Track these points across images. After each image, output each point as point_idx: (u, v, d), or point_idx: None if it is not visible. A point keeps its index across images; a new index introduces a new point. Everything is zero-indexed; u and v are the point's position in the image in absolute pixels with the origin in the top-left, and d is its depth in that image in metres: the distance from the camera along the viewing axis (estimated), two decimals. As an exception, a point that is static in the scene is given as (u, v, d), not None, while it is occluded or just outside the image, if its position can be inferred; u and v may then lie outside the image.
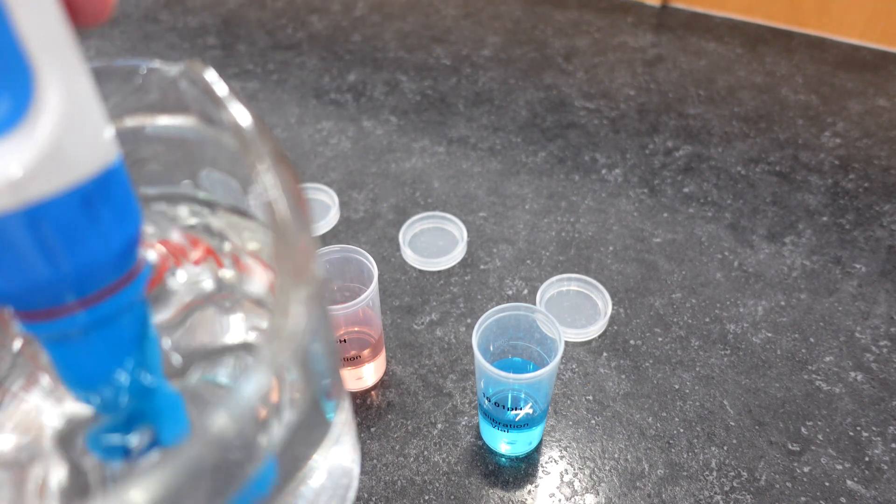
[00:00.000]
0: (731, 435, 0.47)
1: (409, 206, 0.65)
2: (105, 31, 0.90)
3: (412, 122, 0.76)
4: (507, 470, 0.46)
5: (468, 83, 0.81)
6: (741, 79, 0.80)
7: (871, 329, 0.53)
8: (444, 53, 0.87)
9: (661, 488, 0.44)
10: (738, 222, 0.62)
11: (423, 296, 0.57)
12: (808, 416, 0.48)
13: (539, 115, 0.76)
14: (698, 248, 0.60)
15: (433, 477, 0.45)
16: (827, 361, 0.51)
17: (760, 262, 0.59)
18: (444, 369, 0.51)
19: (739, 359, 0.51)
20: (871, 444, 0.46)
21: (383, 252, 0.61)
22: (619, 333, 0.53)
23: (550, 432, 0.47)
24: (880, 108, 0.75)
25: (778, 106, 0.76)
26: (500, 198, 0.66)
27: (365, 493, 0.45)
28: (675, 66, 0.83)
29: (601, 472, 0.45)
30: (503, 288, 0.57)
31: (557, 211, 0.64)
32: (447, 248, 0.60)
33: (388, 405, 0.49)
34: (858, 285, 0.56)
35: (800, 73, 0.80)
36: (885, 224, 0.62)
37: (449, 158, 0.70)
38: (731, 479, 0.44)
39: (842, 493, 0.43)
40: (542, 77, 0.82)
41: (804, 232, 0.61)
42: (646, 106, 0.77)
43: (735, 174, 0.67)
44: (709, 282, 0.57)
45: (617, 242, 0.61)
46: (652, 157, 0.70)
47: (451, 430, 0.48)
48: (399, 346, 0.53)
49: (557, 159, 0.70)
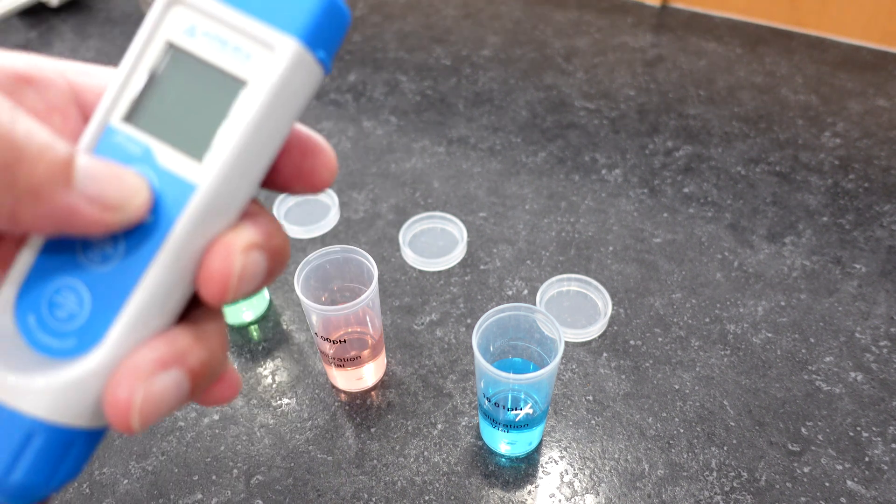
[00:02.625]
0: (731, 435, 0.47)
1: (409, 206, 0.65)
2: (105, 31, 0.91)
3: (412, 122, 0.76)
4: (507, 470, 0.46)
5: (468, 83, 0.81)
6: (741, 79, 0.80)
7: (871, 329, 0.53)
8: (444, 53, 0.87)
9: (661, 488, 0.44)
10: (738, 222, 0.62)
11: (423, 296, 0.57)
12: (808, 416, 0.48)
13: (539, 116, 0.76)
14: (698, 248, 0.60)
15: (433, 477, 0.45)
16: (827, 362, 0.51)
17: (760, 263, 0.59)
18: (444, 370, 0.51)
19: (739, 359, 0.51)
20: (871, 444, 0.46)
21: (383, 252, 0.61)
22: (619, 334, 0.53)
23: (550, 433, 0.47)
24: (880, 108, 0.75)
25: (778, 106, 0.76)
26: (500, 198, 0.66)
27: (365, 493, 0.45)
28: (675, 67, 0.83)
29: (601, 472, 0.45)
30: (503, 288, 0.57)
31: (557, 211, 0.64)
32: (447, 248, 0.60)
33: (388, 405, 0.49)
34: (858, 285, 0.56)
35: (800, 73, 0.80)
36: (885, 224, 0.62)
37: (449, 158, 0.70)
38: (732, 480, 0.44)
39: (842, 494, 0.43)
40: (542, 77, 0.82)
41: (804, 232, 0.61)
42: (646, 106, 0.77)
43: (735, 174, 0.67)
44: (709, 282, 0.57)
45: (617, 243, 0.61)
46: (652, 158, 0.70)
47: (451, 431, 0.48)
48: (399, 346, 0.53)
49: (557, 159, 0.70)
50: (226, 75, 0.17)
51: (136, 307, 0.16)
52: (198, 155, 0.17)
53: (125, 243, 0.17)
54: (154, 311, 0.17)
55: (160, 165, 0.17)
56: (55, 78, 0.17)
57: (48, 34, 0.90)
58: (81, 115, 0.18)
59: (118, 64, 0.18)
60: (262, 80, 0.17)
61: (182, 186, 0.17)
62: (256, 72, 0.17)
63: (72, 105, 0.18)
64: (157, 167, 0.17)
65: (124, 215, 0.16)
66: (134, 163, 0.17)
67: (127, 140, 0.17)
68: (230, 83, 0.17)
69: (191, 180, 0.17)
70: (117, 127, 0.17)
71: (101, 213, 0.15)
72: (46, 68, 0.17)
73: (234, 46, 0.17)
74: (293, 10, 0.17)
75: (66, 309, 0.17)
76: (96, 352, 0.16)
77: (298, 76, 0.17)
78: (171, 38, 0.17)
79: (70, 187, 0.15)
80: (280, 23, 0.17)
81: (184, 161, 0.17)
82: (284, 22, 0.17)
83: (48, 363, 0.17)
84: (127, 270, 0.17)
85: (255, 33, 0.17)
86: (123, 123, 0.17)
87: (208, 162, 0.17)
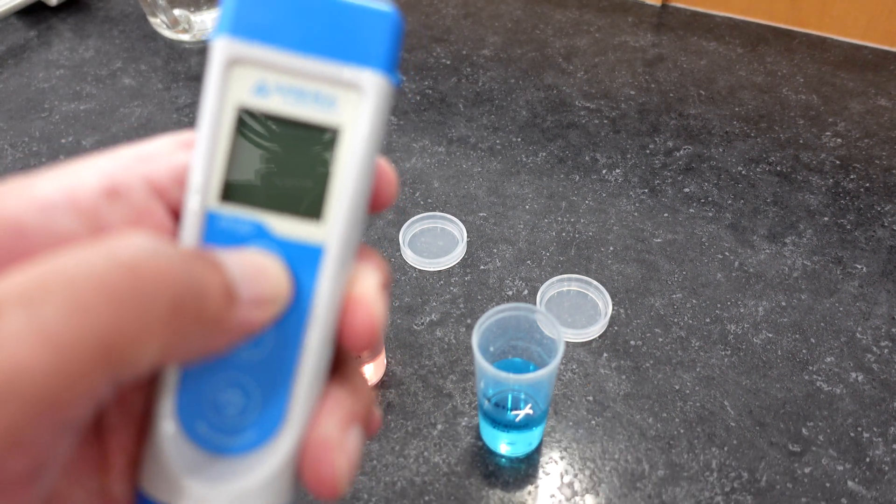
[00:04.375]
0: (731, 436, 0.47)
1: (409, 206, 0.65)
2: (104, 30, 0.90)
3: (412, 122, 0.75)
4: (507, 471, 0.46)
5: (468, 83, 0.81)
6: (742, 78, 0.80)
7: (871, 329, 0.53)
8: (444, 53, 0.86)
9: (662, 489, 0.44)
10: (739, 222, 0.62)
11: (423, 296, 0.57)
12: (808, 416, 0.48)
13: (539, 115, 0.76)
14: (699, 248, 0.60)
15: (433, 478, 0.45)
16: (828, 362, 0.51)
17: (761, 263, 0.58)
18: (444, 370, 0.51)
19: (740, 359, 0.51)
20: (872, 444, 0.46)
21: (383, 252, 0.60)
22: (619, 334, 0.53)
23: (550, 433, 0.47)
24: (881, 107, 0.74)
25: (779, 106, 0.76)
26: (500, 198, 0.66)
27: (365, 493, 0.44)
28: (676, 66, 0.82)
29: (601, 472, 0.45)
30: (503, 288, 0.57)
31: (558, 211, 0.64)
32: (447, 248, 0.60)
33: (387, 406, 0.49)
34: (859, 286, 0.56)
35: (801, 72, 0.80)
36: (886, 224, 0.62)
37: (449, 158, 0.70)
38: (732, 480, 0.44)
39: (843, 495, 0.43)
40: (543, 77, 0.82)
41: (805, 232, 0.61)
42: (646, 106, 0.77)
43: (736, 174, 0.67)
44: (709, 282, 0.57)
45: (617, 243, 0.61)
46: (652, 157, 0.70)
47: (451, 431, 0.48)
48: (399, 346, 0.53)
49: (558, 159, 0.70)
50: (317, 128, 0.16)
51: (305, 382, 0.16)
52: (314, 215, 0.16)
53: (274, 326, 0.16)
54: (318, 380, 0.16)
55: (279, 237, 0.16)
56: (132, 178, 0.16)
57: (47, 33, 0.90)
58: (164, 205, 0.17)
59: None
60: (356, 123, 0.16)
61: (308, 252, 0.16)
62: (347, 115, 0.16)
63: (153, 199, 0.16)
64: (277, 240, 0.16)
65: (279, 306, 0.15)
66: (249, 242, 0.16)
67: (234, 222, 0.16)
68: (324, 135, 0.16)
69: (315, 243, 0.16)
70: (218, 211, 0.16)
71: (260, 312, 0.15)
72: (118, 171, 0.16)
73: (314, 95, 0.16)
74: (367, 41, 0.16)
75: (234, 405, 0.16)
76: (284, 435, 0.16)
77: (385, 107, 0.16)
78: (244, 101, 0.16)
79: (236, 301, 0.14)
80: (357, 58, 0.16)
81: (301, 226, 0.16)
82: (361, 56, 0.16)
83: (233, 462, 0.16)
84: (283, 350, 0.16)
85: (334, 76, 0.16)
86: (223, 205, 0.16)
87: (330, 220, 0.16)
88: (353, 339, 0.16)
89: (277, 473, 0.16)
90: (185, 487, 0.15)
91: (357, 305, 0.16)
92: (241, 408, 0.16)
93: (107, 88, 0.80)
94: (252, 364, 0.16)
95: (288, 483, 0.16)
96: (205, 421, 0.16)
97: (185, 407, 0.16)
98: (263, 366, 0.16)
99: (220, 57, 0.16)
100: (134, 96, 0.79)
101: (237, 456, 0.16)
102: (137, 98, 0.78)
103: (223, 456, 0.16)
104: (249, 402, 0.16)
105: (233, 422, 0.16)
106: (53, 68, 0.83)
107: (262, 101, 0.16)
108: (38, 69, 0.83)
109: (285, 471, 0.16)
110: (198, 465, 0.16)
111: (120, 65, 0.84)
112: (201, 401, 0.16)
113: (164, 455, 0.16)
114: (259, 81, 0.16)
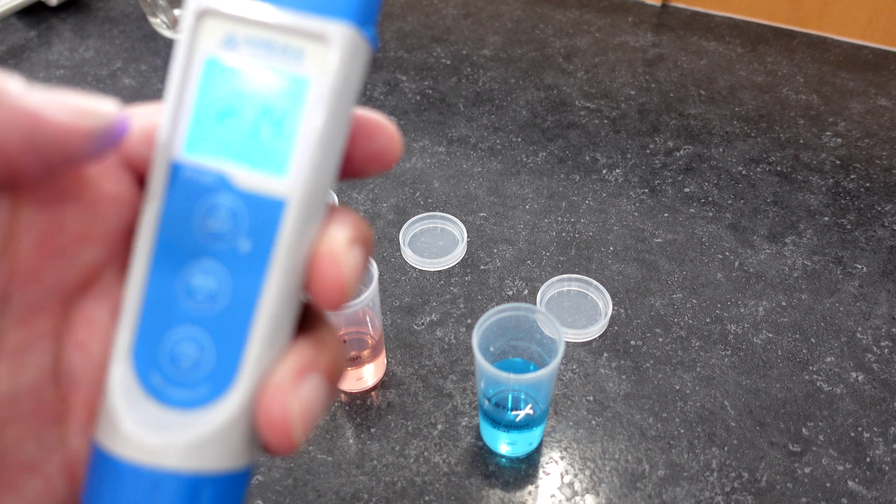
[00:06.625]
0: (731, 435, 0.47)
1: (409, 206, 0.65)
2: (104, 30, 0.90)
3: (412, 122, 0.75)
4: (507, 471, 0.46)
5: (468, 83, 0.81)
6: (742, 78, 0.80)
7: (872, 329, 0.53)
8: (444, 53, 0.86)
9: (662, 489, 0.44)
10: (739, 222, 0.62)
11: (423, 296, 0.57)
12: (809, 416, 0.48)
13: (539, 115, 0.76)
14: (699, 248, 0.60)
15: (433, 478, 0.45)
16: (828, 362, 0.51)
17: (761, 263, 0.58)
18: (445, 370, 0.51)
19: (740, 359, 0.51)
20: (872, 444, 0.46)
21: (383, 252, 0.60)
22: (619, 334, 0.53)
23: (551, 433, 0.47)
24: (882, 107, 0.74)
25: (779, 106, 0.76)
26: (501, 198, 0.66)
27: (365, 493, 0.44)
28: (676, 66, 0.82)
29: (601, 472, 0.45)
30: (503, 288, 0.57)
31: (558, 211, 0.64)
32: (447, 248, 0.60)
33: (388, 406, 0.49)
34: (860, 285, 0.56)
35: (801, 72, 0.80)
36: (886, 224, 0.62)
37: (449, 158, 0.70)
38: (732, 480, 0.44)
39: (843, 495, 0.43)
40: (543, 77, 0.82)
41: (805, 232, 0.61)
42: (646, 106, 0.77)
43: (736, 174, 0.67)
44: (709, 282, 0.57)
45: (617, 243, 0.61)
46: (652, 157, 0.70)
47: (451, 431, 0.48)
48: (399, 346, 0.53)
49: (558, 159, 0.70)
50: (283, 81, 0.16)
51: (260, 337, 0.16)
52: (278, 169, 0.16)
53: (230, 277, 0.16)
54: (276, 336, 0.16)
55: (241, 189, 0.16)
56: None
57: (47, 33, 0.90)
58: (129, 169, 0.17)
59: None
60: (323, 77, 0.16)
61: (270, 206, 0.16)
62: (314, 69, 0.16)
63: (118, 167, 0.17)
64: (239, 192, 0.16)
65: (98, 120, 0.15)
66: (213, 194, 0.16)
67: (198, 173, 0.16)
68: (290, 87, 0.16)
69: (278, 197, 0.16)
70: (182, 161, 0.16)
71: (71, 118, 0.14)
72: None
73: (282, 47, 0.16)
74: None
75: (189, 358, 0.16)
76: (236, 390, 0.16)
77: (356, 61, 0.16)
78: (213, 53, 0.16)
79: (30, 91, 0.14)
80: (325, 10, 0.16)
81: (265, 179, 0.16)
82: (330, 8, 0.16)
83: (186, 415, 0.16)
84: (239, 304, 0.16)
85: (303, 28, 0.16)
86: (188, 156, 0.16)
87: (293, 174, 0.16)
88: (322, 295, 0.16)
89: (229, 425, 0.16)
90: (138, 438, 0.15)
91: (324, 261, 0.16)
92: (196, 361, 0.16)
93: (107, 89, 0.80)
94: (208, 318, 0.16)
95: (243, 440, 0.16)
96: (159, 372, 0.16)
97: (142, 357, 0.16)
98: (219, 319, 0.16)
99: (192, 9, 0.16)
100: (134, 96, 0.79)
101: (191, 409, 0.16)
102: (137, 98, 0.78)
103: (177, 409, 0.16)
104: (204, 355, 0.16)
105: (187, 374, 0.16)
106: (53, 68, 0.83)
107: (229, 54, 0.16)
108: (38, 69, 0.83)
109: (238, 423, 0.16)
110: (151, 417, 0.16)
111: (120, 65, 0.84)
112: (156, 352, 0.16)
113: (117, 405, 0.16)
114: (228, 34, 0.16)
